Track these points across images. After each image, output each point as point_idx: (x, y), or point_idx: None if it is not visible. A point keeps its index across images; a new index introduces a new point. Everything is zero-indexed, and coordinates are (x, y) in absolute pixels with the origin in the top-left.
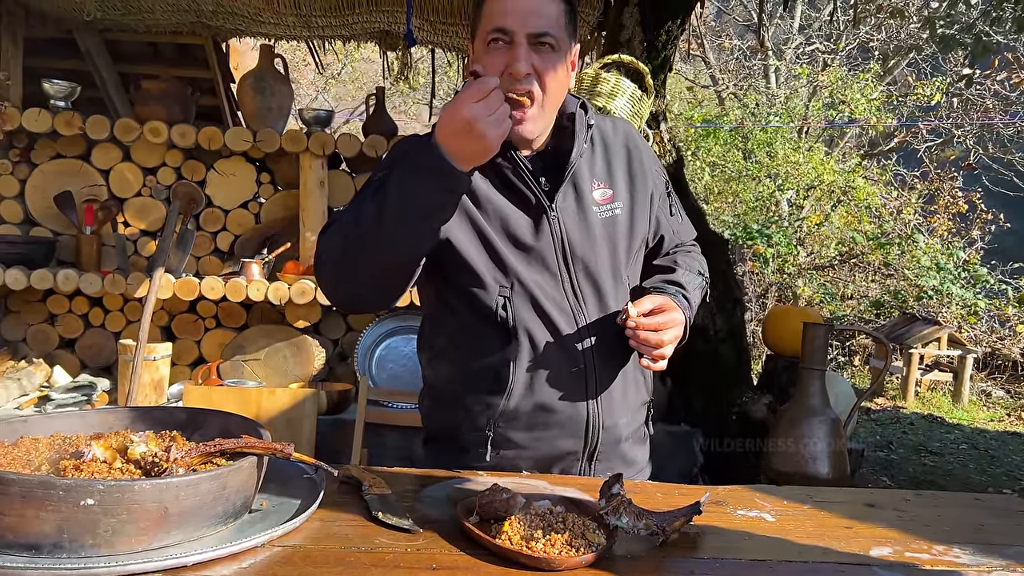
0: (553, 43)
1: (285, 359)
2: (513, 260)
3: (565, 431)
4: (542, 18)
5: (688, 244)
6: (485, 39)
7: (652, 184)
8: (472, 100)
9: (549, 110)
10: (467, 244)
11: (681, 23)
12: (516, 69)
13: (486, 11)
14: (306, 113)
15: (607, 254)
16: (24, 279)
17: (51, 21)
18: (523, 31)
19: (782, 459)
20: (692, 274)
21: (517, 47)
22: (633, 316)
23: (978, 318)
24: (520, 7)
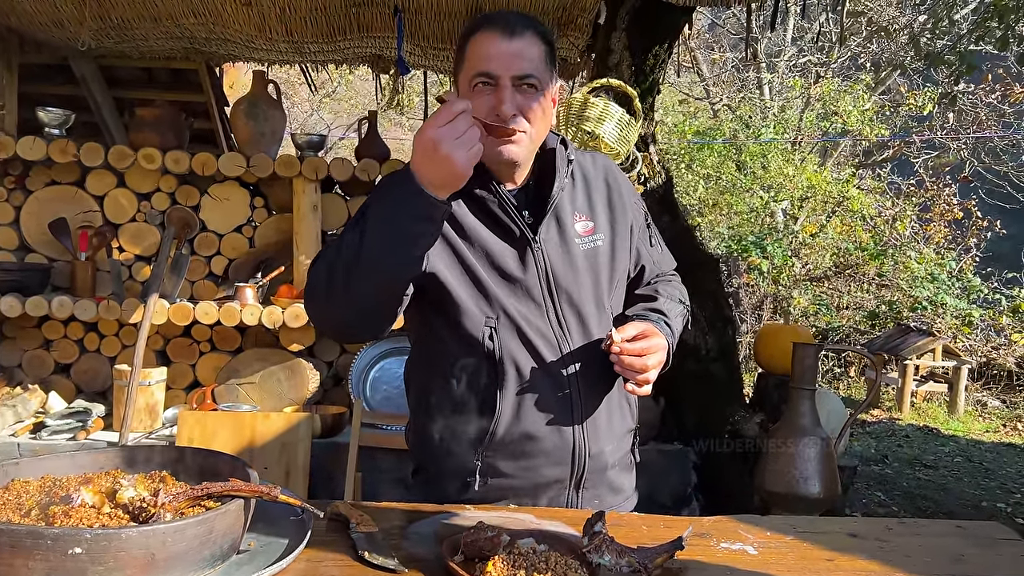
0: (536, 84)
1: (279, 382)
2: (498, 291)
3: (551, 459)
4: (525, 61)
5: (668, 274)
6: (470, 82)
7: (632, 216)
8: (438, 124)
9: (535, 143)
10: (452, 276)
11: (668, 47)
12: (503, 111)
13: (469, 54)
14: (299, 138)
15: (590, 284)
16: (19, 306)
17: (46, 48)
18: (507, 74)
19: (774, 479)
20: (673, 302)
21: (502, 90)
22: (617, 342)
23: (973, 328)
24: (503, 52)
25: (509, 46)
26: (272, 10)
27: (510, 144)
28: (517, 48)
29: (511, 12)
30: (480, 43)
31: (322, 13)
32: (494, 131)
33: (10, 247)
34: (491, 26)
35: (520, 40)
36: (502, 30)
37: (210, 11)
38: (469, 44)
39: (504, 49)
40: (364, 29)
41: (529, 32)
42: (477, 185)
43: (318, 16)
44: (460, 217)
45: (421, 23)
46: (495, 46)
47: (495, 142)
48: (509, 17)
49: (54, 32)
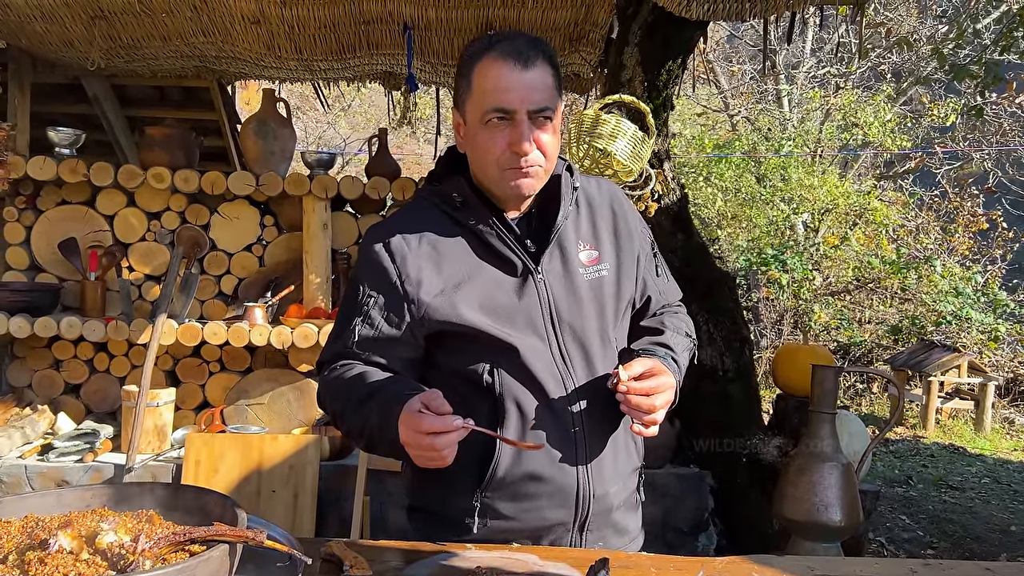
0: (551, 115)
1: (289, 403)
2: (499, 325)
3: (554, 501)
4: (540, 92)
5: (674, 305)
6: (482, 117)
7: (638, 245)
8: (424, 429)
9: (549, 170)
10: (451, 310)
11: (683, 62)
12: (522, 149)
13: (479, 84)
14: (309, 156)
15: (595, 317)
16: (28, 327)
17: (59, 68)
18: (524, 108)
19: (793, 506)
20: (680, 336)
21: (519, 124)
22: (624, 380)
23: (999, 343)
24: (518, 84)
25: (523, 77)
26: (281, 28)
27: (526, 178)
28: (531, 79)
29: (519, 36)
30: (492, 73)
31: (331, 31)
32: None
33: (21, 267)
34: (503, 54)
35: (534, 70)
36: (515, 60)
37: (219, 29)
38: (477, 70)
39: (519, 81)
40: (374, 47)
41: (540, 59)
42: (476, 218)
43: (327, 34)
44: (458, 252)
45: (431, 40)
46: (510, 78)
47: (511, 176)
48: (519, 44)
49: (64, 52)
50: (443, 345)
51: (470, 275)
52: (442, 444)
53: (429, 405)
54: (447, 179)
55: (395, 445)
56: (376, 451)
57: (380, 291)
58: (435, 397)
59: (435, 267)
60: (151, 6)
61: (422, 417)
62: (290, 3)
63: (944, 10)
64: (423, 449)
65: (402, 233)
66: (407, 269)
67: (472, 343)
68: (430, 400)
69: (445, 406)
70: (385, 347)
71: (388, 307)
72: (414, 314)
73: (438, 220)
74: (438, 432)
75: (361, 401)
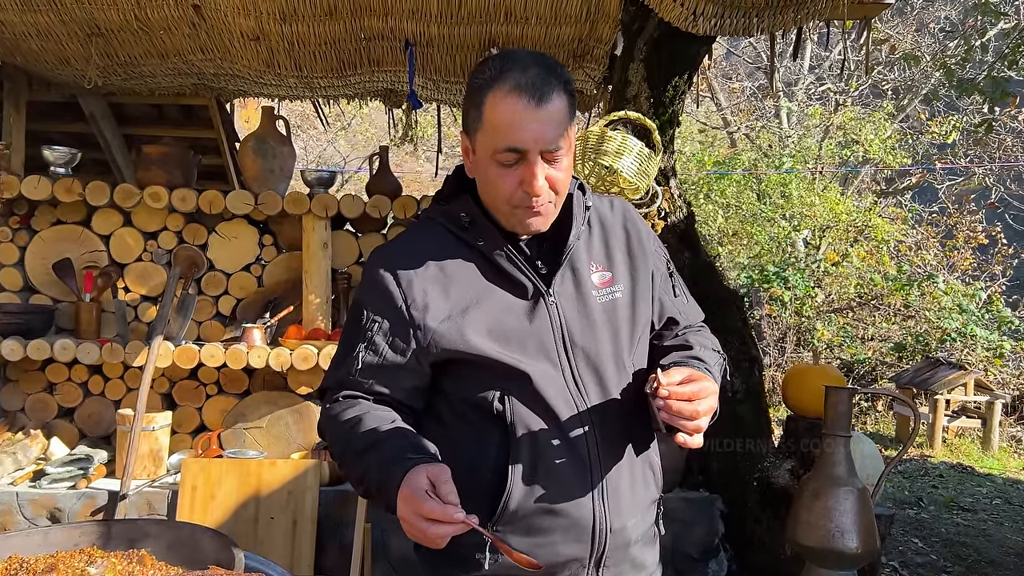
0: (564, 151)
1: (287, 426)
2: (509, 351)
3: (569, 535)
4: (553, 130)
5: (696, 325)
6: (493, 153)
7: (653, 264)
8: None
9: (559, 205)
10: (459, 337)
11: (688, 78)
12: (534, 190)
13: (491, 121)
14: (309, 174)
15: (609, 340)
16: (21, 349)
17: (55, 86)
18: (537, 148)
19: (807, 532)
20: (709, 351)
21: (532, 165)
22: (664, 384)
23: (1004, 360)
24: (532, 124)
25: (537, 115)
26: (281, 45)
27: (536, 217)
28: (545, 117)
29: (532, 64)
30: (505, 108)
31: (331, 48)
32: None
33: (14, 288)
34: (516, 88)
35: (548, 105)
36: (529, 96)
37: (217, 47)
38: (488, 102)
39: (532, 119)
40: (375, 63)
41: (555, 92)
42: (485, 239)
43: (327, 51)
44: (466, 275)
45: (432, 56)
46: (524, 116)
47: (522, 215)
48: (533, 76)
49: (61, 70)
50: (450, 372)
51: (479, 299)
52: (438, 533)
53: (436, 485)
54: (454, 199)
55: (391, 508)
56: (372, 502)
57: (384, 316)
58: (442, 479)
59: (442, 291)
60: (149, 23)
61: (424, 501)
62: (290, 20)
63: (942, 27)
64: (418, 530)
65: (408, 255)
66: (413, 293)
67: (481, 370)
68: (437, 479)
69: (452, 492)
70: (389, 375)
71: (392, 333)
72: (420, 340)
73: (445, 241)
74: (438, 520)
75: (360, 454)
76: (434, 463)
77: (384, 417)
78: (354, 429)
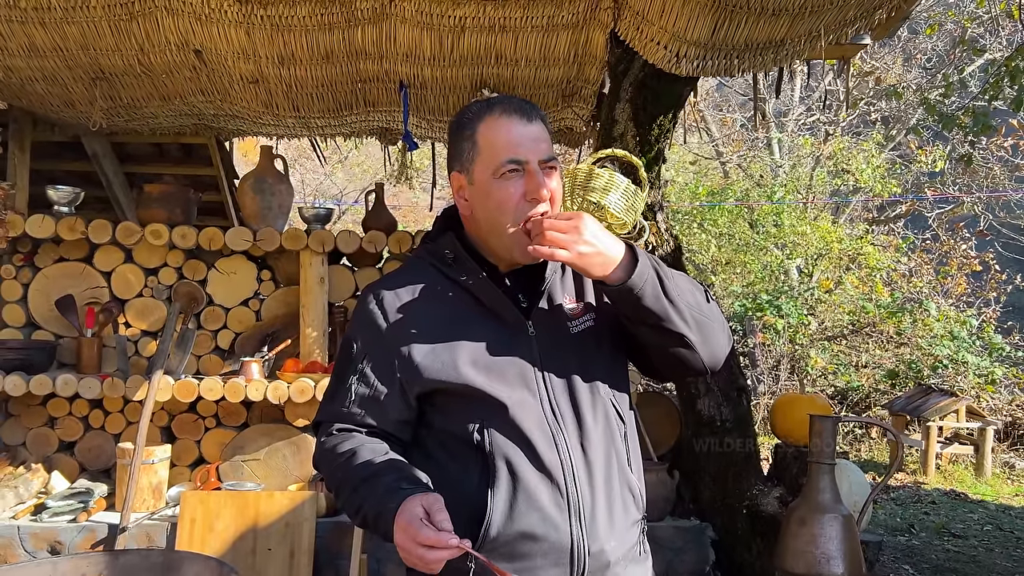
0: (556, 164)
1: (285, 459)
2: (488, 382)
3: (549, 559)
4: (545, 143)
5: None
6: (496, 171)
7: None
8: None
9: None
10: (443, 368)
11: (673, 116)
12: (541, 195)
13: (490, 143)
14: (306, 211)
15: (583, 368)
16: (23, 385)
17: (59, 127)
18: (536, 158)
19: (794, 559)
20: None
21: (534, 174)
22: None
23: (996, 387)
24: (527, 136)
25: (530, 130)
26: (279, 87)
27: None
28: (537, 132)
29: (512, 96)
30: (500, 128)
31: (328, 89)
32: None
33: (17, 324)
34: (506, 111)
35: (537, 123)
36: (520, 115)
37: (218, 89)
38: (482, 130)
39: (527, 134)
40: (370, 104)
41: (538, 115)
42: (467, 274)
43: (324, 92)
44: (450, 309)
45: (426, 97)
46: (519, 131)
47: (528, 237)
48: (517, 102)
49: (66, 112)
50: (436, 404)
51: (463, 332)
52: (433, 559)
53: (431, 514)
54: (440, 238)
55: (387, 537)
56: (368, 531)
57: (373, 350)
58: (436, 507)
59: (428, 324)
60: (152, 68)
61: (420, 528)
62: (288, 64)
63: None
64: (416, 557)
65: (396, 292)
66: (400, 327)
67: (463, 401)
68: (431, 508)
69: (446, 520)
70: (379, 407)
71: (381, 366)
72: (406, 373)
73: (432, 278)
74: (432, 546)
75: (355, 487)
76: (428, 492)
77: (377, 449)
78: (349, 462)
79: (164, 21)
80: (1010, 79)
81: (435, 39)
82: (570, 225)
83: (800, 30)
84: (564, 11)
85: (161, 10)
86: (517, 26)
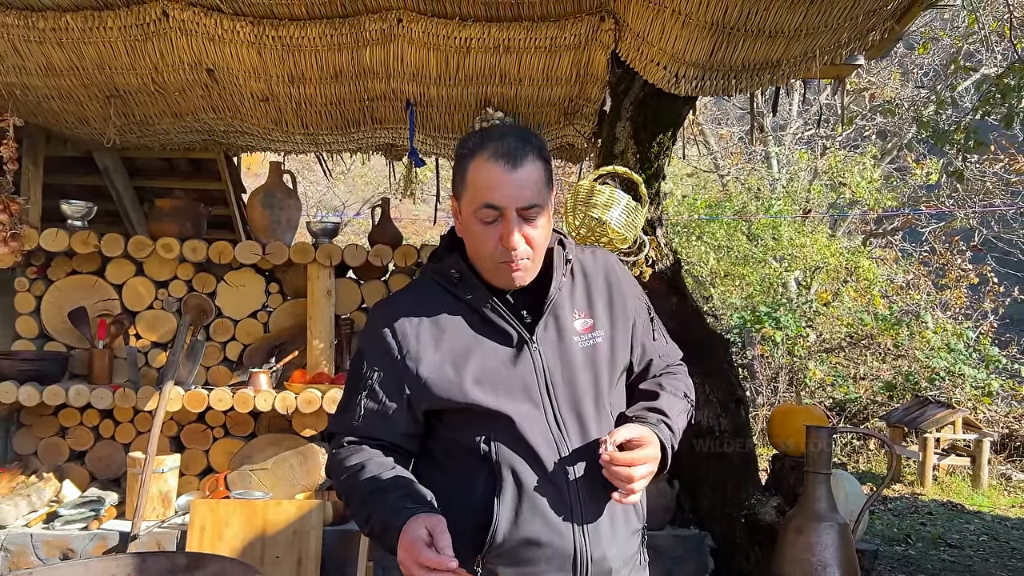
0: (539, 210)
1: (292, 468)
2: (495, 396)
3: (553, 565)
4: (528, 190)
5: (675, 365)
6: (475, 211)
7: (633, 312)
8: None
9: (538, 262)
10: (448, 385)
11: (672, 134)
12: (511, 244)
13: (474, 183)
14: (314, 225)
15: (589, 383)
16: (37, 395)
17: (71, 143)
18: (513, 206)
19: (791, 567)
20: (676, 398)
21: (508, 221)
22: (608, 450)
23: (993, 399)
24: (507, 183)
25: (513, 177)
26: (288, 105)
27: (516, 272)
28: (520, 179)
29: (509, 133)
30: (483, 172)
31: (337, 107)
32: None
33: (30, 335)
34: (494, 156)
35: (522, 170)
36: (504, 161)
37: (229, 107)
38: (471, 168)
39: (508, 182)
40: (377, 121)
41: (529, 158)
42: (472, 292)
43: (332, 110)
44: (456, 327)
45: (432, 115)
46: (501, 178)
47: (507, 271)
48: (509, 143)
49: (80, 129)
50: (443, 418)
51: (468, 349)
52: None
53: (433, 536)
54: (447, 257)
55: (392, 551)
56: (376, 542)
57: (382, 366)
58: (439, 529)
59: (435, 342)
60: (165, 86)
61: (422, 549)
62: (298, 82)
63: (925, 72)
64: (413, 573)
65: (404, 309)
66: (407, 345)
67: (470, 415)
68: (434, 530)
69: (447, 544)
70: (387, 421)
71: (389, 383)
72: (414, 390)
73: (439, 296)
74: (432, 568)
75: (363, 500)
76: (431, 513)
77: (384, 464)
78: (358, 475)
79: (178, 41)
80: (1001, 96)
81: (441, 59)
82: (629, 475)
83: (796, 51)
84: (567, 33)
85: (175, 31)
86: (521, 47)
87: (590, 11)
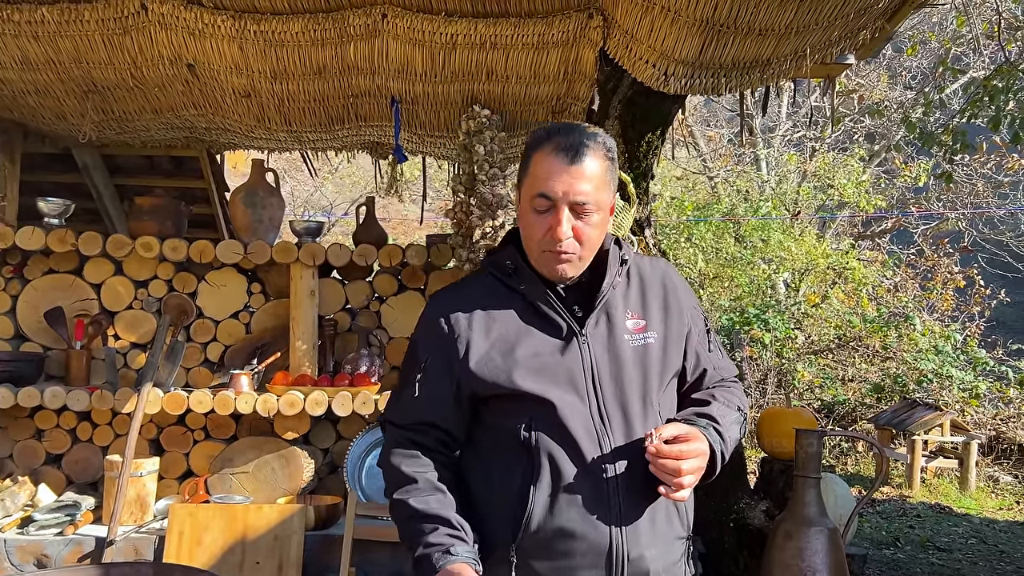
0: (592, 207)
1: (274, 471)
2: (539, 383)
3: (587, 560)
4: (583, 186)
5: (729, 380)
6: (530, 200)
7: (689, 320)
8: None
9: (587, 258)
10: (496, 372)
11: (661, 133)
12: (557, 234)
13: (533, 173)
14: (297, 224)
15: (638, 381)
16: (11, 397)
17: (49, 139)
18: (566, 200)
19: (780, 572)
20: (729, 409)
21: (559, 212)
22: (655, 443)
23: (980, 401)
24: (564, 177)
25: (570, 170)
26: (271, 101)
27: (560, 263)
28: (577, 173)
29: (577, 130)
30: (543, 163)
31: (320, 104)
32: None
33: (6, 336)
34: (556, 148)
35: (581, 165)
36: (565, 154)
37: (210, 103)
38: (534, 159)
39: (565, 173)
40: (362, 119)
41: (590, 155)
42: (526, 284)
43: (316, 107)
44: (508, 316)
45: (417, 112)
46: (557, 170)
47: (550, 259)
48: (574, 138)
49: (57, 125)
50: (489, 404)
51: (518, 337)
52: None
53: None
54: (504, 250)
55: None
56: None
57: (434, 354)
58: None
59: (485, 330)
60: (144, 81)
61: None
62: (280, 78)
63: (913, 75)
64: None
65: (458, 299)
66: (459, 331)
67: (514, 402)
68: None
69: None
70: (438, 408)
71: (441, 367)
72: (463, 374)
73: (493, 287)
74: None
75: (409, 516)
76: (465, 562)
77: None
78: (408, 491)
79: (157, 35)
80: (989, 99)
81: (427, 55)
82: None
83: (786, 50)
84: (554, 29)
85: (155, 24)
86: (508, 43)
87: (578, 7)
